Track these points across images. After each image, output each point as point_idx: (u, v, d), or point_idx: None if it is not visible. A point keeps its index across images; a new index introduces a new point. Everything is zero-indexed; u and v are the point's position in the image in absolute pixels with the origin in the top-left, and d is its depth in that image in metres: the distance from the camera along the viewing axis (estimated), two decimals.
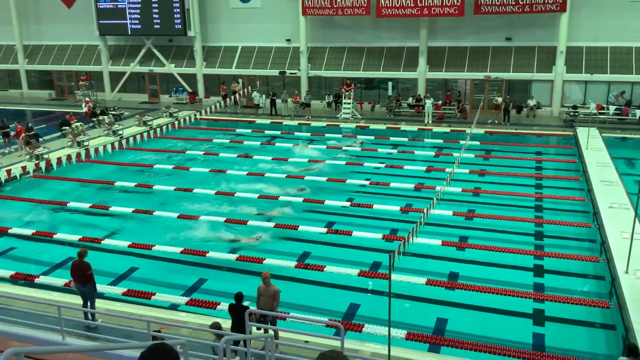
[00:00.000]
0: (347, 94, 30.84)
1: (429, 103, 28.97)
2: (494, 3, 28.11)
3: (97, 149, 24.11)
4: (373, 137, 26.30)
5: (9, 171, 21.17)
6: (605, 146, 22.63)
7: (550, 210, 17.30)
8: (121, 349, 7.26)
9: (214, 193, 19.08)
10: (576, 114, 27.61)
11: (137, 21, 35.08)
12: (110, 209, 17.89)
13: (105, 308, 11.57)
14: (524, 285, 12.79)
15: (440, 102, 30.32)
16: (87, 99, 32.51)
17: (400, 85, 32.18)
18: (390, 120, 29.94)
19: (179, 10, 33.94)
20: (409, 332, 10.68)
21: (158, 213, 17.27)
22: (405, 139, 26.58)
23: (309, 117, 30.52)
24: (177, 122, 29.55)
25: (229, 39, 34.81)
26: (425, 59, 30.71)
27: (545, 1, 27.54)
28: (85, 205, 18.09)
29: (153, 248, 14.72)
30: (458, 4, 28.35)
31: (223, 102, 32.39)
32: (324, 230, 15.76)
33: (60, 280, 13.00)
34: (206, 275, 13.68)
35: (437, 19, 30.04)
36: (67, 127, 26.62)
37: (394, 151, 24.30)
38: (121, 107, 32.60)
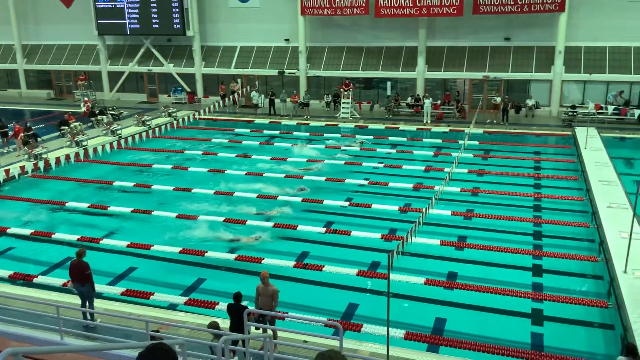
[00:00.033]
0: (346, 93, 30.85)
1: (427, 103, 28.99)
2: (492, 3, 28.12)
3: (96, 149, 24.11)
4: (372, 137, 26.29)
5: (7, 171, 21.14)
6: (603, 146, 22.63)
7: (549, 210, 17.30)
8: (120, 348, 7.26)
9: (213, 193, 19.07)
10: (575, 113, 27.61)
11: (136, 21, 35.06)
12: (108, 208, 17.87)
13: (104, 308, 11.55)
14: (523, 285, 12.79)
15: (439, 102, 30.35)
16: (86, 98, 32.47)
17: (399, 85, 32.20)
18: (389, 120, 29.95)
19: (177, 10, 33.93)
20: (407, 332, 10.67)
21: (157, 213, 17.25)
22: (404, 139, 26.58)
23: (308, 117, 30.52)
24: (176, 122, 29.53)
25: (228, 38, 34.80)
26: (424, 59, 30.73)
27: (544, 1, 27.56)
28: (84, 205, 18.06)
29: (152, 248, 14.70)
30: (457, 4, 28.36)
31: (222, 102, 32.40)
32: (323, 230, 15.75)
33: (59, 280, 12.98)
34: (205, 275, 13.66)
35: (436, 18, 30.06)
36: (66, 127, 26.59)
37: (393, 151, 24.31)
38: (120, 107, 32.59)
